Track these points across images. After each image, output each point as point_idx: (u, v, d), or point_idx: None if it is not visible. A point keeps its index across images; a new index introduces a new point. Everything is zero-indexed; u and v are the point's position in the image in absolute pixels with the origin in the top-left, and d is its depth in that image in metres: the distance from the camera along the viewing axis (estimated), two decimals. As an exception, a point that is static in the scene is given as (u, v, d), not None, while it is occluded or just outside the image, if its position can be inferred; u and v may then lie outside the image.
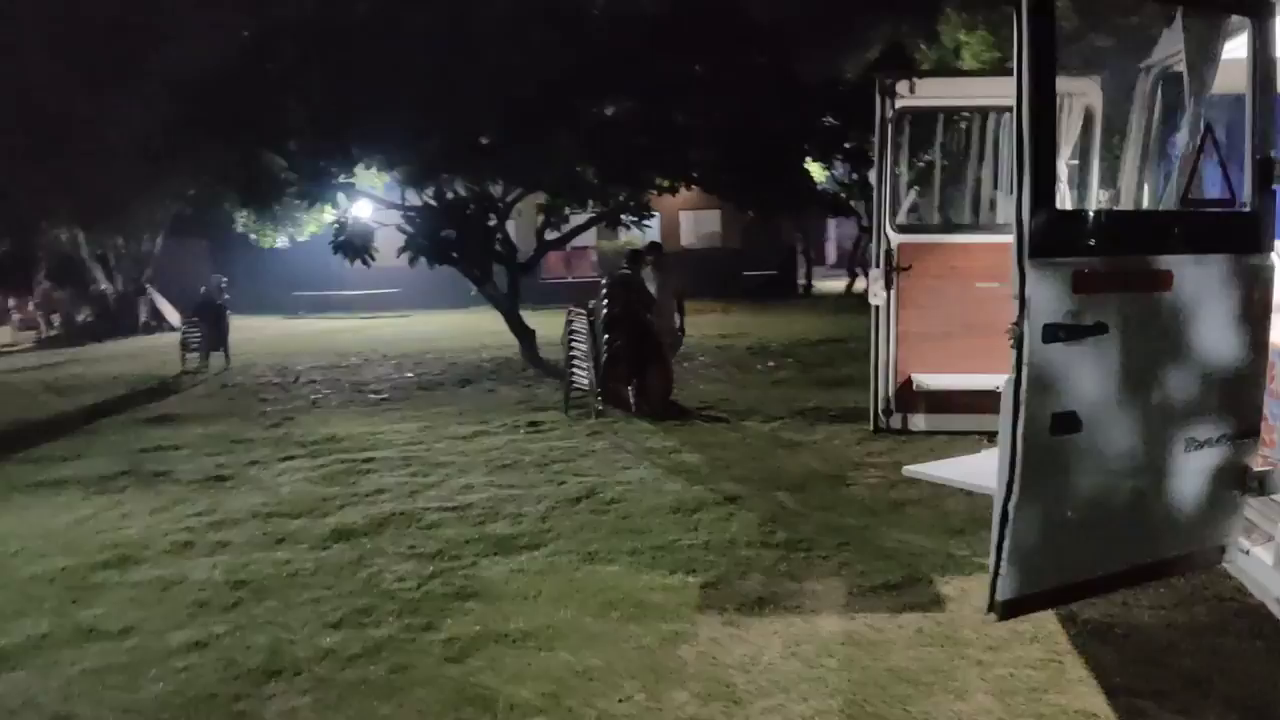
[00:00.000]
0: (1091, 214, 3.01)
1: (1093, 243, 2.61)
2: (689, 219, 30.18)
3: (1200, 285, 2.73)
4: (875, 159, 5.58)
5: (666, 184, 13.62)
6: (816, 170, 25.90)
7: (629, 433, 8.98)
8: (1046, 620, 4.33)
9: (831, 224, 39.69)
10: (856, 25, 28.71)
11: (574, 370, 10.02)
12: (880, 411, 5.69)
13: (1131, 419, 2.73)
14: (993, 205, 5.81)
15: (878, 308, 5.70)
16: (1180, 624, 4.24)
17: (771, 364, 13.61)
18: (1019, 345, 2.56)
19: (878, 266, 5.64)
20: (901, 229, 5.60)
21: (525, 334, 14.11)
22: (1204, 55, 2.92)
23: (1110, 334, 2.61)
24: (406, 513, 6.55)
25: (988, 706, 3.60)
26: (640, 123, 12.53)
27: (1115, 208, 4.77)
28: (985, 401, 5.54)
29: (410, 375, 13.84)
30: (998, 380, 5.35)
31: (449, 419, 10.10)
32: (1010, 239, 5.61)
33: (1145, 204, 4.73)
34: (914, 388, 5.59)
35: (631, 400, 9.68)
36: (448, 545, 5.81)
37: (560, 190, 12.54)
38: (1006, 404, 2.66)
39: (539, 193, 13.62)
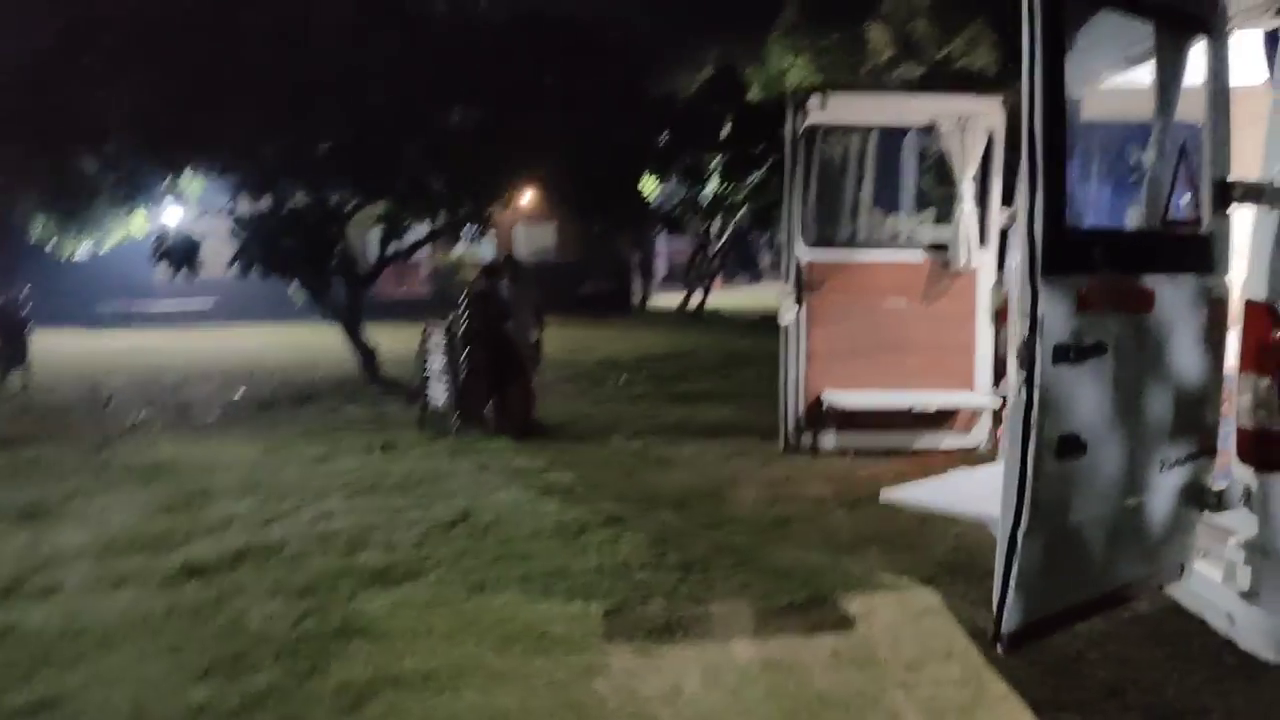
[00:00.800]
0: (1097, 231, 3.01)
1: (1096, 261, 2.58)
2: (524, 232, 29.85)
3: (1174, 306, 2.76)
4: (785, 175, 5.53)
5: (516, 195, 13.31)
6: (649, 185, 26.12)
7: (492, 452, 8.64)
8: (955, 636, 4.35)
9: (661, 239, 40.12)
10: (689, 45, 29.25)
11: (430, 387, 9.60)
12: (790, 430, 5.64)
13: (1122, 441, 2.72)
14: (898, 223, 5.89)
15: (786, 326, 5.64)
16: (1083, 633, 4.32)
17: (625, 379, 13.51)
18: (1029, 366, 2.50)
19: (787, 283, 5.59)
20: (811, 246, 5.57)
21: (366, 350, 13.48)
22: (1170, 75, 2.96)
23: (1106, 355, 2.59)
24: (264, 544, 6.02)
25: (922, 729, 3.54)
26: (490, 132, 12.20)
27: (1008, 227, 4.90)
28: (894, 419, 5.61)
29: (241, 394, 12.96)
30: (908, 399, 5.48)
31: (294, 440, 9.46)
32: (914, 257, 5.73)
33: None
34: (824, 406, 5.58)
35: (491, 418, 9.33)
36: (317, 579, 5.36)
37: (409, 199, 12.04)
38: (1015, 428, 2.59)
39: (377, 203, 13.06)
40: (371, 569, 5.51)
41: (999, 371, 5.13)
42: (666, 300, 30.57)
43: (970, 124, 5.31)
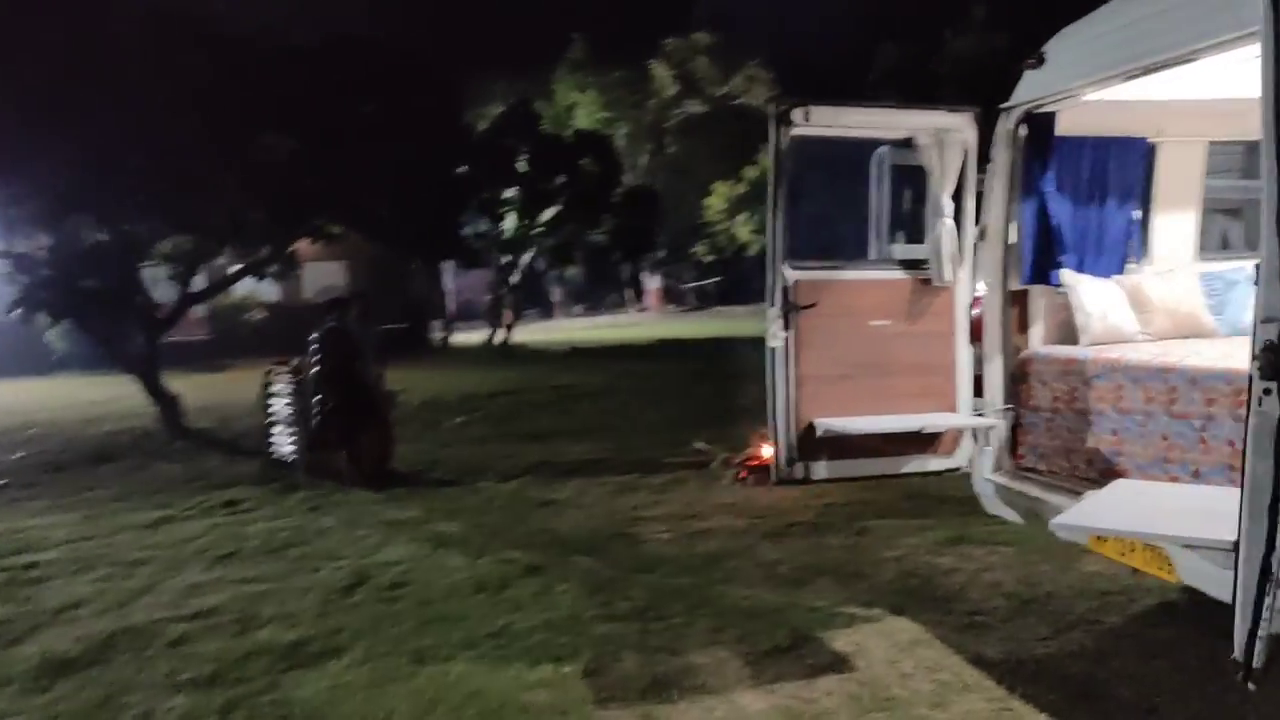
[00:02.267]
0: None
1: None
2: (310, 270, 28.28)
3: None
4: (770, 190, 5.29)
5: (338, 230, 12.46)
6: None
7: (355, 505, 7.88)
8: (960, 667, 4.21)
9: (449, 276, 39.24)
10: (481, 79, 28.82)
11: (274, 437, 8.70)
12: (783, 461, 5.38)
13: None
14: (881, 241, 5.78)
15: (775, 349, 5.38)
16: (1090, 654, 4.30)
17: (460, 420, 12.87)
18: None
19: (774, 305, 5.33)
20: (797, 266, 5.35)
21: (168, 400, 12.17)
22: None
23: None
24: (132, 628, 5.14)
25: (987, 770, 3.35)
26: (309, 161, 11.36)
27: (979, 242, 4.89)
28: (886, 445, 5.45)
29: (20, 456, 11.35)
30: (901, 422, 5.37)
31: (111, 505, 8.30)
32: (897, 275, 5.62)
33: (1011, 238, 4.90)
34: (817, 433, 5.36)
35: (345, 468, 8.55)
36: (220, 664, 4.59)
37: (224, 235, 10.96)
38: (1263, 444, 2.44)
39: (184, 237, 11.86)
40: (279, 647, 4.79)
41: (977, 390, 5.11)
42: (464, 338, 29.83)
43: (948, 139, 5.29)
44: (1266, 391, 2.48)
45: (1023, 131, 4.83)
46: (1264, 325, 2.50)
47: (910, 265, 5.41)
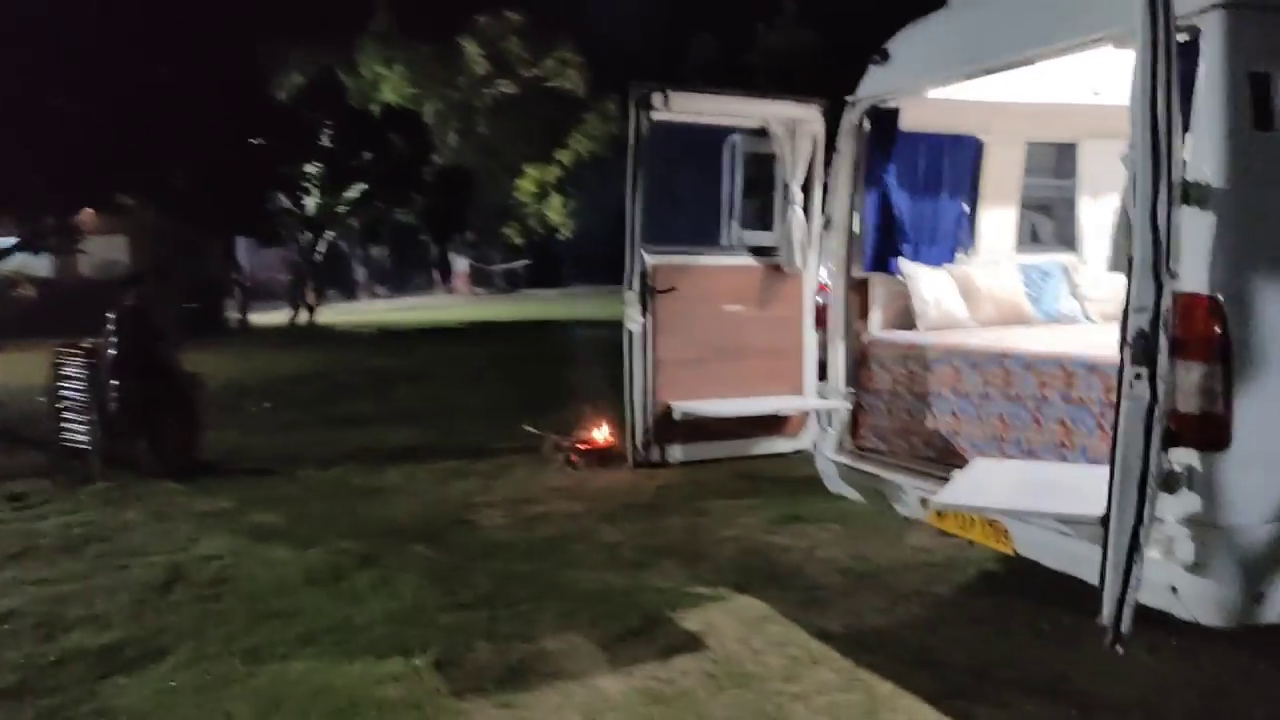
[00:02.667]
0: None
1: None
2: (92, 245, 26.18)
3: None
4: (628, 175, 5.21)
5: (130, 200, 11.53)
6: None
7: (160, 497, 7.35)
8: (807, 641, 4.35)
9: (242, 254, 37.25)
10: (280, 46, 27.39)
11: (65, 425, 7.98)
12: (640, 445, 5.31)
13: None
14: (734, 227, 5.79)
15: (633, 333, 5.31)
16: (920, 622, 4.52)
17: (267, 405, 12.23)
18: (1150, 360, 2.51)
19: (631, 289, 5.26)
20: (654, 250, 5.30)
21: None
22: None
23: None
24: (-88, 640, 4.60)
25: (846, 739, 3.47)
26: (99, 129, 10.47)
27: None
28: (739, 427, 5.48)
29: None
30: (755, 405, 5.43)
31: None
32: (750, 261, 5.67)
33: (854, 228, 5.05)
34: (674, 417, 5.33)
35: (145, 457, 7.96)
36: (25, 673, 4.19)
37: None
38: (1134, 426, 2.58)
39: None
40: (91, 652, 4.43)
41: (822, 374, 5.27)
42: (264, 318, 28.37)
43: (800, 129, 5.38)
44: (1138, 376, 2.68)
45: (867, 125, 5.01)
46: (1136, 314, 2.69)
47: (761, 252, 5.52)
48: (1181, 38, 2.85)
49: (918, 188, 5.33)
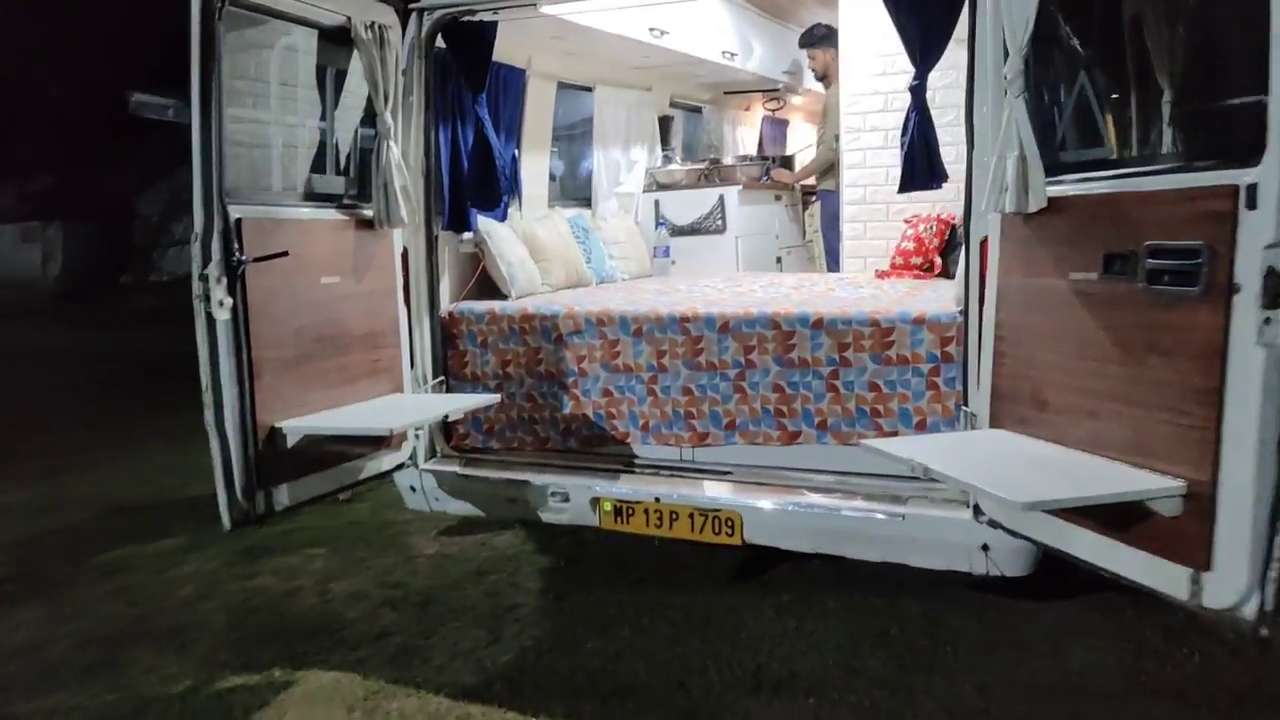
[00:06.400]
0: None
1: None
2: None
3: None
4: (194, 85, 3.20)
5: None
6: None
7: None
8: (441, 705, 3.51)
9: None
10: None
11: None
12: (240, 494, 3.23)
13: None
14: (323, 168, 3.90)
15: (220, 323, 3.30)
16: (514, 644, 3.94)
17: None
18: None
19: (212, 259, 3.28)
20: (234, 198, 3.34)
21: None
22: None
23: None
24: None
25: None
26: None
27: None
28: (350, 448, 3.72)
29: None
30: (417, 410, 3.70)
31: None
32: (339, 215, 3.86)
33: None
34: (286, 443, 3.40)
35: None
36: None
37: None
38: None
39: None
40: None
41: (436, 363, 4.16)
42: None
43: (389, 36, 3.91)
44: (1267, 321, 2.37)
45: (440, 44, 4.12)
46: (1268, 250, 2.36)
47: (347, 204, 3.99)
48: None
49: (482, 127, 4.46)
